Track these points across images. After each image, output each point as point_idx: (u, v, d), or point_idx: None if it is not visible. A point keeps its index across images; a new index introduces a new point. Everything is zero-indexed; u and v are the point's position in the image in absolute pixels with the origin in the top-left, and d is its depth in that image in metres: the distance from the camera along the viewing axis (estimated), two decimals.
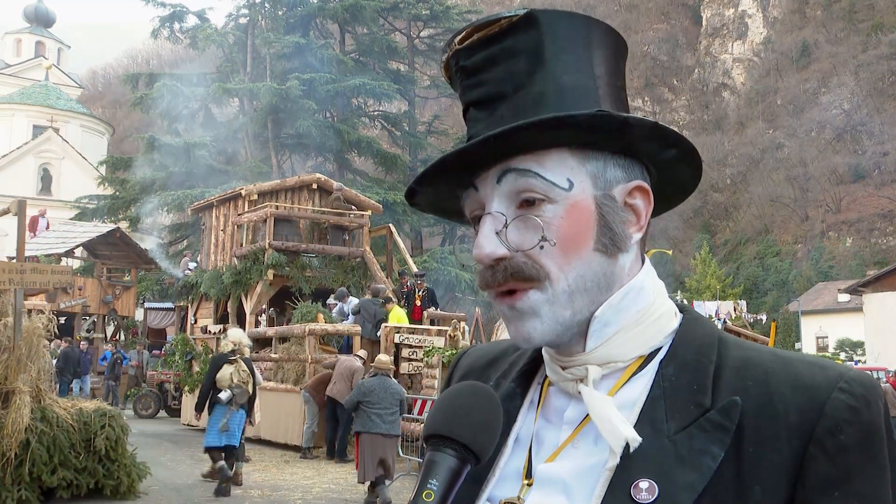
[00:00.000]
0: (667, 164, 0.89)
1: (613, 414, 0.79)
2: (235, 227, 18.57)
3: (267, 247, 17.22)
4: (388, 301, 14.57)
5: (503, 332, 13.00)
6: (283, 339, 15.33)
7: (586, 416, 0.84)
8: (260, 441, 14.12)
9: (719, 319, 23.16)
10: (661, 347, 0.86)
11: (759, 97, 76.48)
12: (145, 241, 28.89)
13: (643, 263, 0.90)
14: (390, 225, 20.40)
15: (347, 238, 18.35)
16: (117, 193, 32.06)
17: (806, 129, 68.96)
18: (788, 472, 0.76)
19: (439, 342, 13.39)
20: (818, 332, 49.52)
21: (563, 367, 0.87)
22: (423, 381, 13.07)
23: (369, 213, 19.06)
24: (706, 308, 24.64)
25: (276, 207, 17.74)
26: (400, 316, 14.33)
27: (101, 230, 24.77)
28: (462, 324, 14.08)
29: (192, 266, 21.99)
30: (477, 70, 0.86)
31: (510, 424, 0.89)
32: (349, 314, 14.88)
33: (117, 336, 26.21)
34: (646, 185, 0.88)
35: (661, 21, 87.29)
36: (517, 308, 0.84)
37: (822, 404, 0.77)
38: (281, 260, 17.22)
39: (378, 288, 15.53)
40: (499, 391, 0.90)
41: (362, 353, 12.56)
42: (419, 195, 0.93)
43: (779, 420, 0.77)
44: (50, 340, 13.25)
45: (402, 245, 20.19)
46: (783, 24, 79.90)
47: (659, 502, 0.75)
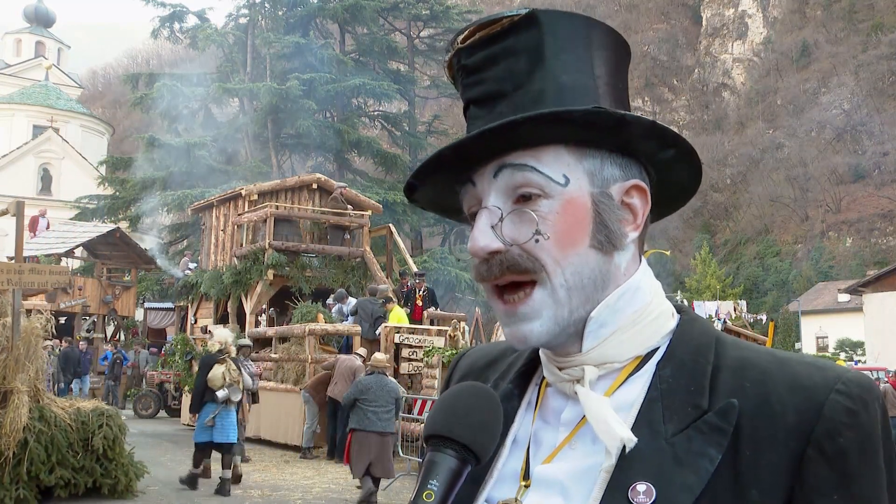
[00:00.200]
0: (665, 165, 0.89)
1: (609, 414, 0.80)
2: (235, 227, 18.58)
3: (267, 247, 17.22)
4: (389, 301, 14.57)
5: (503, 333, 13.03)
6: (283, 339, 15.34)
7: (583, 418, 0.84)
8: (260, 441, 14.13)
9: (719, 319, 23.14)
10: (658, 348, 0.86)
11: (759, 97, 76.47)
12: (145, 241, 28.88)
13: (640, 263, 0.89)
14: (390, 225, 20.40)
15: (348, 238, 18.36)
16: (117, 193, 32.05)
17: (806, 129, 68.95)
18: (786, 474, 0.76)
19: (439, 342, 13.39)
20: (818, 333, 49.51)
21: (560, 368, 0.87)
22: (423, 381, 13.07)
23: (369, 213, 19.06)
24: (706, 308, 24.61)
25: (276, 207, 17.74)
26: (400, 316, 14.33)
27: (101, 230, 24.76)
28: (462, 324, 14.08)
29: (191, 266, 21.99)
30: (478, 68, 0.87)
31: (508, 425, 0.89)
32: (348, 315, 14.89)
33: (117, 336, 26.20)
34: (643, 185, 0.88)
35: (661, 21, 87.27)
36: (518, 314, 0.84)
37: (820, 406, 0.77)
38: (281, 260, 17.22)
39: (375, 288, 15.55)
40: (497, 392, 0.90)
41: (362, 352, 12.56)
42: (418, 191, 0.93)
43: (776, 421, 0.77)
44: (48, 340, 13.27)
45: (402, 245, 20.18)
46: (783, 24, 79.89)
47: None
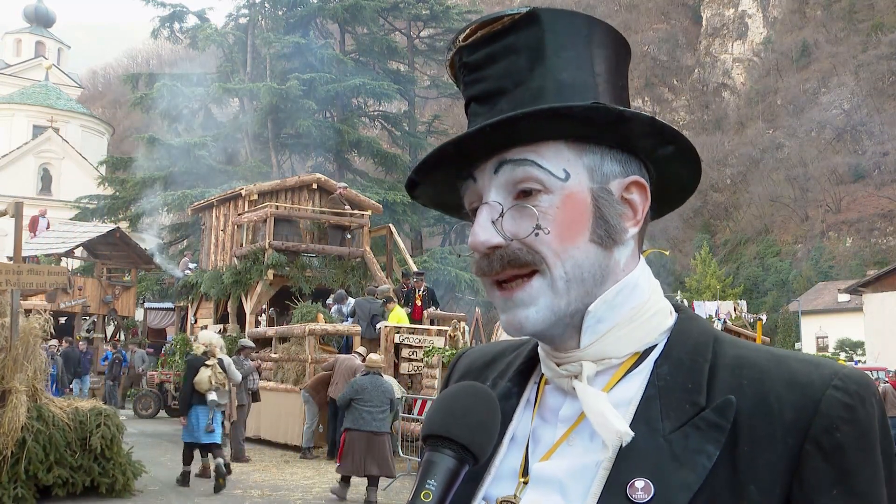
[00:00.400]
0: (665, 162, 0.90)
1: (607, 409, 0.80)
2: (235, 227, 18.58)
3: (267, 247, 17.22)
4: (389, 301, 14.57)
5: (503, 332, 12.98)
6: (283, 339, 15.34)
7: (581, 414, 0.84)
8: (260, 441, 14.12)
9: (719, 319, 23.11)
10: (655, 345, 0.86)
11: (759, 97, 76.48)
12: (145, 242, 28.89)
13: (639, 261, 0.90)
14: (390, 225, 20.39)
15: (349, 238, 18.35)
16: (117, 193, 32.05)
17: (806, 129, 68.95)
18: (784, 471, 0.76)
19: (439, 342, 13.39)
20: (818, 332, 49.53)
21: (558, 364, 0.88)
22: (423, 381, 13.08)
23: (369, 213, 19.05)
24: (706, 308, 24.58)
25: (276, 207, 17.74)
26: (400, 316, 14.33)
27: (101, 230, 24.74)
28: (462, 324, 14.08)
29: (191, 266, 21.99)
30: (479, 66, 0.88)
31: (506, 423, 0.89)
32: (347, 317, 14.90)
33: (117, 336, 26.20)
34: (643, 181, 0.88)
35: (661, 21, 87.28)
36: (515, 299, 0.84)
37: (818, 402, 0.77)
38: (281, 260, 17.22)
39: (374, 288, 15.55)
40: (496, 391, 0.91)
41: (361, 351, 12.56)
42: (419, 188, 0.94)
43: (774, 418, 0.78)
44: (46, 340, 13.29)
45: (402, 245, 20.18)
46: (783, 24, 79.90)
47: (655, 502, 0.75)
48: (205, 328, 18.71)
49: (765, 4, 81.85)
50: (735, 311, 25.55)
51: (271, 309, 17.93)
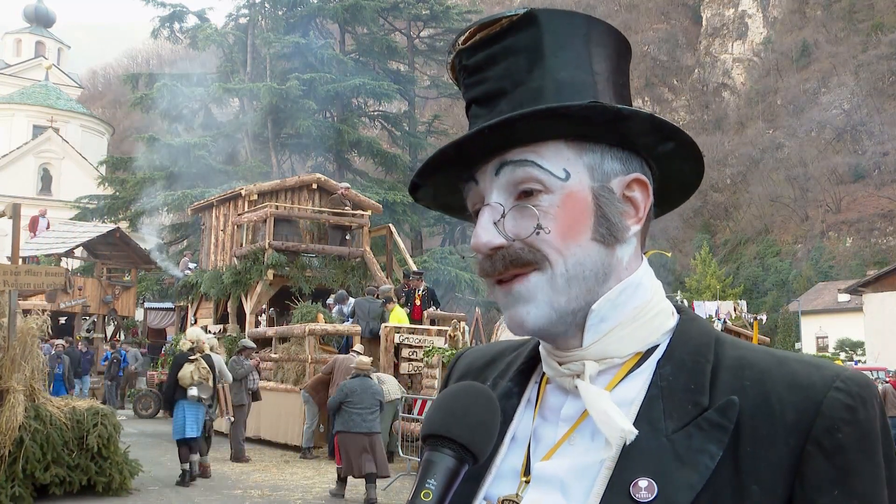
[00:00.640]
0: (666, 158, 0.90)
1: (610, 407, 0.80)
2: (235, 227, 18.58)
3: (267, 247, 17.22)
4: (389, 301, 14.57)
5: (503, 332, 12.98)
6: (283, 339, 15.34)
7: (583, 413, 0.84)
8: (260, 441, 14.13)
9: (719, 319, 23.11)
10: (657, 346, 0.87)
11: (759, 97, 76.49)
12: (145, 241, 28.89)
13: (642, 261, 0.90)
14: (390, 225, 20.39)
15: (349, 238, 18.35)
16: (117, 193, 32.07)
17: (806, 129, 68.96)
18: (786, 472, 0.76)
19: (439, 342, 13.39)
20: (818, 332, 49.53)
21: (560, 363, 0.88)
22: (423, 381, 13.07)
23: (369, 213, 19.05)
24: (706, 308, 24.57)
25: (276, 207, 17.74)
26: (400, 316, 14.34)
27: (101, 230, 24.75)
28: (462, 324, 14.07)
29: (191, 266, 21.99)
30: (479, 68, 0.88)
31: (507, 423, 0.89)
32: (348, 317, 14.90)
33: (118, 336, 26.20)
34: (644, 178, 0.89)
35: (661, 21, 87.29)
36: (514, 293, 0.85)
37: (819, 403, 0.77)
38: (281, 260, 17.22)
39: (375, 288, 15.55)
40: (496, 391, 0.91)
41: (359, 349, 12.56)
42: (422, 190, 0.95)
43: (776, 419, 0.78)
44: (47, 341, 13.27)
45: (402, 245, 20.17)
46: (783, 24, 79.90)
47: (658, 501, 0.75)
48: (204, 328, 18.72)
49: (765, 4, 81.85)
50: (735, 311, 25.54)
51: (271, 309, 17.93)
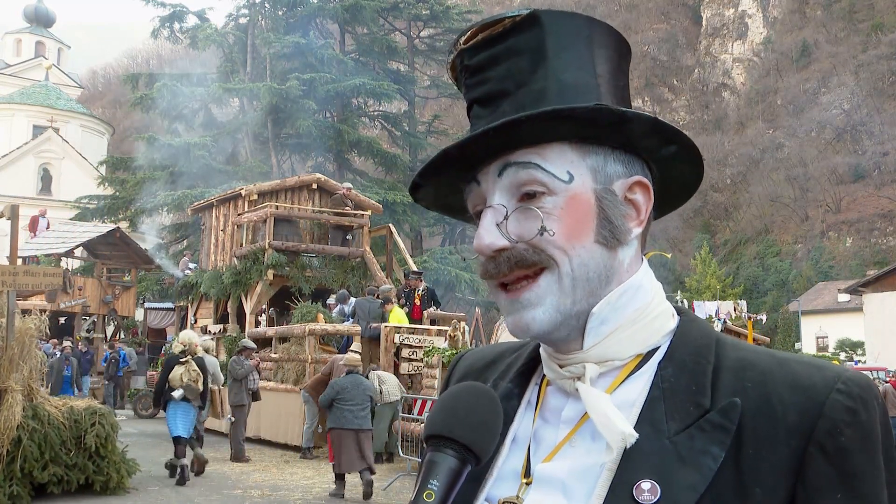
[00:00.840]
0: (668, 161, 0.90)
1: (610, 409, 0.80)
2: (235, 227, 18.58)
3: (267, 247, 17.22)
4: (388, 301, 14.57)
5: (503, 333, 12.97)
6: (283, 339, 15.33)
7: (583, 415, 0.84)
8: (260, 441, 14.13)
9: (719, 320, 23.09)
10: (658, 347, 0.86)
11: (759, 97, 76.48)
12: (145, 241, 28.89)
13: (642, 263, 0.90)
14: (390, 225, 20.39)
15: (350, 238, 18.35)
16: (117, 193, 32.07)
17: (806, 129, 68.95)
18: (788, 473, 0.76)
19: (439, 342, 13.38)
20: (818, 332, 49.52)
21: (561, 366, 0.88)
22: (423, 381, 13.07)
23: (369, 213, 19.04)
24: (706, 308, 24.55)
25: (276, 207, 17.74)
26: (400, 317, 14.34)
27: (101, 230, 24.73)
28: (462, 324, 14.07)
29: (191, 266, 21.99)
30: (480, 69, 0.88)
31: (508, 424, 0.89)
32: (349, 317, 14.90)
33: (117, 336, 26.20)
34: (646, 181, 0.89)
35: (661, 21, 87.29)
36: (521, 300, 0.84)
37: (821, 405, 0.77)
38: (281, 260, 17.22)
39: (375, 288, 15.54)
40: (497, 392, 0.90)
41: (357, 347, 12.56)
42: (423, 191, 0.94)
43: (777, 421, 0.78)
44: (49, 341, 13.27)
45: (402, 245, 20.17)
46: (783, 24, 79.90)
47: (661, 503, 0.75)
48: (204, 328, 18.73)
49: (765, 4, 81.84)
50: (735, 311, 25.53)
51: (271, 309, 17.93)
